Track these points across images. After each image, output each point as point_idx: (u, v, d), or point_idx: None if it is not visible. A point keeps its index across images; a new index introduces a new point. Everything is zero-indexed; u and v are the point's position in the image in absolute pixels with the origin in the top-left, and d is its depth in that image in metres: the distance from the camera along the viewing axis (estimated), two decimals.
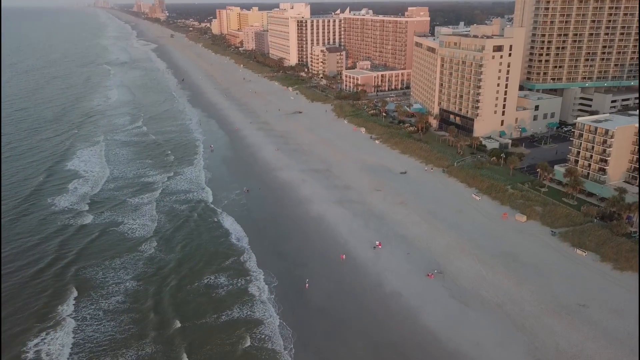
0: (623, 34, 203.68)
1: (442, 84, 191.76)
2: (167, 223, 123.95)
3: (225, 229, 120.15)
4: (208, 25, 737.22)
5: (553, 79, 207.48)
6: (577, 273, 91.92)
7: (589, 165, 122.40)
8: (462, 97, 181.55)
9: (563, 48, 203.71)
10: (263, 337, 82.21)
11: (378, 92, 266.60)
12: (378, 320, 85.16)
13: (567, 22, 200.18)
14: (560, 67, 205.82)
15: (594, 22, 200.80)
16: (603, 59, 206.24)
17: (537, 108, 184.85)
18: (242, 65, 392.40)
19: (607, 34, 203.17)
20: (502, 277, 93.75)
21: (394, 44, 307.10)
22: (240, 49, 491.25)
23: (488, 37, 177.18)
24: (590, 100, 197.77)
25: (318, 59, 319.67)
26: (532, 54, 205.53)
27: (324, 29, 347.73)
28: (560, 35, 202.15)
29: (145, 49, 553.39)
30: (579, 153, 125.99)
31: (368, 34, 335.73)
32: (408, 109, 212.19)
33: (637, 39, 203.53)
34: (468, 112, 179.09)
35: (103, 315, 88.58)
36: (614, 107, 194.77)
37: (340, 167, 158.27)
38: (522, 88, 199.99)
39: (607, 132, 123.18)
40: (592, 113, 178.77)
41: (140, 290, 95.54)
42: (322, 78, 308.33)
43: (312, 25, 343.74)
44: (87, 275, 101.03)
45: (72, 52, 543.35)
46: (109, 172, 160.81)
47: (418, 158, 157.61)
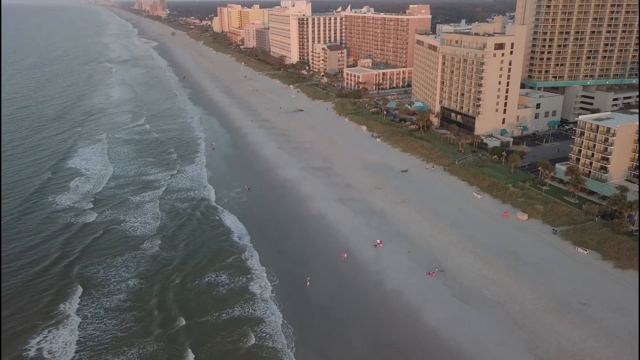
0: (625, 32, 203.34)
1: (443, 82, 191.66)
2: (169, 221, 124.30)
3: (227, 227, 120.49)
4: (209, 23, 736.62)
5: (555, 77, 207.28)
6: (578, 271, 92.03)
7: (591, 164, 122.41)
8: (463, 95, 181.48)
9: (565, 46, 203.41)
10: (265, 335, 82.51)
11: (379, 90, 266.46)
12: (379, 319, 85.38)
13: (568, 19, 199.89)
14: (562, 65, 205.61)
15: (596, 19, 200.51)
16: (605, 57, 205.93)
17: (538, 106, 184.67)
18: (243, 63, 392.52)
19: (609, 32, 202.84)
20: (503, 275, 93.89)
21: (395, 42, 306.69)
22: (242, 47, 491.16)
23: (489, 35, 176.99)
24: (592, 99, 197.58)
25: (319, 57, 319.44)
26: (533, 52, 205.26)
27: (325, 27, 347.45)
28: (562, 33, 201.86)
29: (147, 47, 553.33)
30: (581, 151, 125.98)
31: (369, 32, 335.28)
32: (409, 107, 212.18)
33: (638, 37, 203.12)
34: (469, 110, 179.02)
35: (106, 313, 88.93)
36: (616, 105, 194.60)
37: (341, 165, 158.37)
38: (523, 86, 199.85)
39: (608, 130, 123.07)
40: (593, 111, 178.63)
41: (144, 289, 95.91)
42: (323, 76, 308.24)
43: (313, 23, 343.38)
44: (90, 274, 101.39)
45: (73, 49, 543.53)
46: (112, 170, 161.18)
47: (419, 156, 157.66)
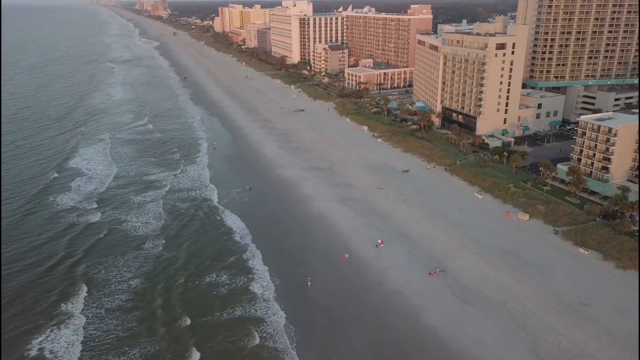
0: (627, 32, 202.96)
1: (444, 82, 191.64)
2: (172, 221, 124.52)
3: (229, 227, 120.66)
4: (210, 23, 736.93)
5: (556, 77, 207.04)
6: (579, 272, 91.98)
7: (592, 164, 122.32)
8: (464, 95, 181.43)
9: (566, 46, 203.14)
10: (266, 335, 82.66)
11: (380, 90, 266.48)
12: (380, 318, 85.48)
13: (570, 19, 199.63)
14: (564, 65, 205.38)
15: (597, 19, 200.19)
16: (606, 57, 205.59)
17: (540, 106, 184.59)
18: (244, 63, 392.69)
19: (610, 32, 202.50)
20: (504, 275, 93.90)
21: (397, 42, 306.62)
22: (243, 47, 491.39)
23: (491, 35, 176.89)
24: (594, 99, 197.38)
25: (320, 57, 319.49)
26: (535, 52, 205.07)
27: (327, 27, 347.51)
28: (564, 33, 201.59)
29: (148, 47, 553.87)
30: (582, 151, 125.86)
31: (371, 32, 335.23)
32: (410, 107, 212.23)
33: (639, 37, 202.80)
34: (471, 110, 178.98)
35: (110, 313, 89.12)
36: (617, 105, 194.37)
37: (343, 165, 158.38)
38: (524, 86, 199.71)
39: (610, 130, 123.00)
40: (595, 111, 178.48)
41: (147, 288, 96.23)
42: (324, 76, 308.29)
43: (314, 23, 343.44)
44: (95, 274, 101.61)
45: (75, 49, 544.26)
46: (115, 170, 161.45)
47: (420, 156, 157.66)
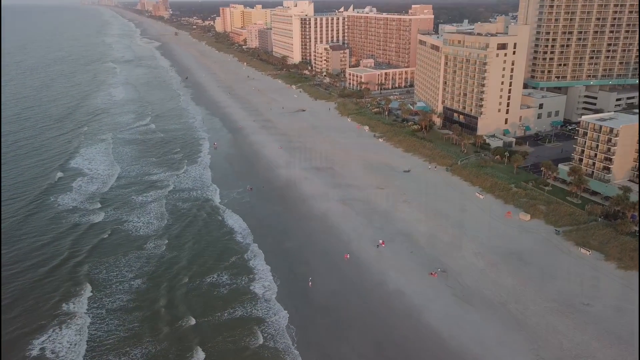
0: (628, 32, 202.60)
1: (445, 82, 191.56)
2: (174, 221, 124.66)
3: (230, 227, 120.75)
4: (212, 23, 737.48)
5: (557, 77, 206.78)
6: (581, 272, 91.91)
7: (594, 164, 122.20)
8: (466, 95, 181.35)
9: (567, 46, 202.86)
10: (269, 335, 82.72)
11: (382, 90, 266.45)
12: (381, 318, 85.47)
13: (571, 19, 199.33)
14: (565, 65, 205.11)
15: (599, 19, 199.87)
16: (608, 57, 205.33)
17: (541, 106, 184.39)
18: (245, 63, 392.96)
19: (612, 32, 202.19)
20: (505, 275, 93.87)
21: (398, 42, 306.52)
22: (244, 47, 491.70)
23: (492, 35, 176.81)
24: (595, 99, 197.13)
25: (321, 57, 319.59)
26: (536, 52, 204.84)
27: (328, 27, 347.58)
28: (565, 33, 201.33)
29: (150, 47, 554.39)
30: (583, 151, 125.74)
31: (372, 32, 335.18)
32: (412, 107, 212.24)
33: (639, 37, 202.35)
34: (472, 110, 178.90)
35: (114, 313, 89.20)
36: (619, 105, 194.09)
37: (344, 165, 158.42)
38: (526, 86, 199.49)
39: (611, 130, 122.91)
40: (596, 111, 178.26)
41: (151, 288, 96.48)
42: (325, 76, 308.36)
43: (315, 23, 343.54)
44: (98, 274, 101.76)
45: (77, 50, 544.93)
46: (118, 170, 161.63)
47: (422, 156, 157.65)
